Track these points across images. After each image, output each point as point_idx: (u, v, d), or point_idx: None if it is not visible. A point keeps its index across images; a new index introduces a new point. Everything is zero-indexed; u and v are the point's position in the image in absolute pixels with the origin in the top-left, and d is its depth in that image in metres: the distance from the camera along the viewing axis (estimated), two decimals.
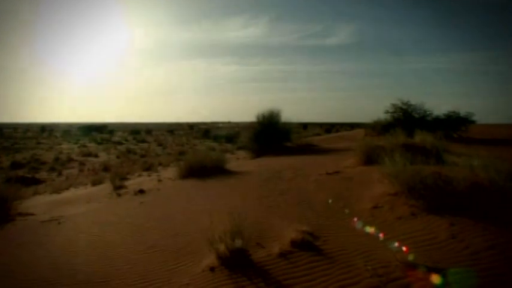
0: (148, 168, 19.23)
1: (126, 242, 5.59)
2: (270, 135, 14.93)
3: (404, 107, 16.04)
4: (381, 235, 4.06)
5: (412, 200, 5.27)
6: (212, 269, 4.08)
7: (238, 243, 4.18)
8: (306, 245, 4.28)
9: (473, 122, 16.00)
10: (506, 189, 5.03)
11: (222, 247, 4.20)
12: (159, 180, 11.39)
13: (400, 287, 3.27)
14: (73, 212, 8.24)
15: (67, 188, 15.02)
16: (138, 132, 66.37)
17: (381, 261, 3.74)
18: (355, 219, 4.69)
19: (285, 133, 15.44)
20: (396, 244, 3.82)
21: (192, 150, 24.53)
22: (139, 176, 15.87)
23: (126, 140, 49.67)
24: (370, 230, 4.52)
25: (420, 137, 9.58)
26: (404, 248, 3.79)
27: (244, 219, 4.94)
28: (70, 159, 28.16)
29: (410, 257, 3.63)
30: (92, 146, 39.95)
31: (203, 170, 10.58)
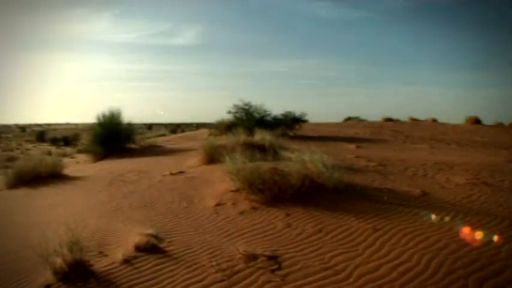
0: None
1: None
2: (111, 136, 14.21)
3: (245, 107, 16.80)
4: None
5: (252, 195, 5.60)
6: (48, 287, 3.71)
7: (76, 254, 3.89)
8: (151, 248, 4.20)
9: (306, 121, 17.63)
10: (331, 179, 5.70)
11: (58, 261, 3.84)
12: None
13: (243, 277, 3.45)
14: None
15: None
16: None
17: (225, 256, 3.89)
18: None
19: (128, 134, 14.86)
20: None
21: (24, 156, 21.91)
22: None
23: None
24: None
25: (260, 136, 10.19)
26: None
27: (83, 228, 4.63)
28: None
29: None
30: None
31: (37, 178, 9.58)
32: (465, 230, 4.06)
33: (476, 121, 25.02)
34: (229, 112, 17.04)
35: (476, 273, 3.19)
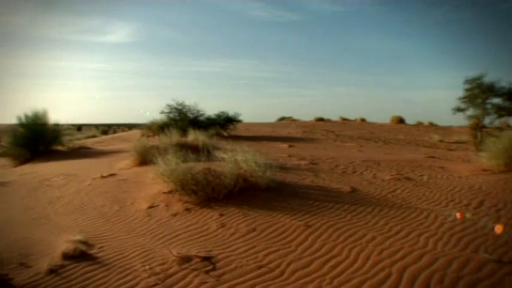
0: None
1: None
2: (36, 138, 13.38)
3: (179, 107, 16.60)
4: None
5: (185, 196, 5.54)
6: None
7: None
8: (80, 255, 4.01)
9: (240, 121, 17.80)
10: (264, 178, 5.79)
11: None
12: None
13: (178, 280, 3.40)
14: None
15: None
16: None
17: (158, 259, 3.82)
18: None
19: (55, 135, 14.07)
20: None
21: None
22: None
23: None
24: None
25: (193, 136, 10.12)
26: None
27: (2, 238, 4.33)
28: None
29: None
30: None
31: None
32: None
33: (400, 121, 26.83)
34: (162, 112, 16.77)
35: (399, 262, 3.39)
